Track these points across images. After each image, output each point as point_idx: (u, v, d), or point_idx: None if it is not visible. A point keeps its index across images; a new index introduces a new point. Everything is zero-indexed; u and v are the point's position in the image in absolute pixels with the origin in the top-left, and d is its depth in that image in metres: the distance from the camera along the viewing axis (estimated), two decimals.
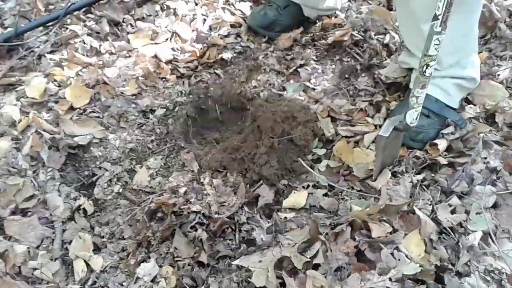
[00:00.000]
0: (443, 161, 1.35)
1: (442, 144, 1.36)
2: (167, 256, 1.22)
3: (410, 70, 1.53)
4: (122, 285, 1.19)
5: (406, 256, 1.10)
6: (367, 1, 2.00)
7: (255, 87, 1.67)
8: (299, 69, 1.72)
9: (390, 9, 1.92)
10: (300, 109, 1.47)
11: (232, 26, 1.94)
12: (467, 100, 1.52)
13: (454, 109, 1.45)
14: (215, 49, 1.82)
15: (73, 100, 1.60)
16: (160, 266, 1.20)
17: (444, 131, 1.40)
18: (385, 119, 1.48)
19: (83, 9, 1.96)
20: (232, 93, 1.65)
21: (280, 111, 1.43)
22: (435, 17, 1.05)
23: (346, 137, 1.48)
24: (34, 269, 1.22)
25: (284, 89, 1.66)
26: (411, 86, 1.49)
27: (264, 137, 1.40)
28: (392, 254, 1.10)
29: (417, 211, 1.20)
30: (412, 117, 1.22)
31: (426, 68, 1.13)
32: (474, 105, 1.49)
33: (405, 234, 1.15)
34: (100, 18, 1.92)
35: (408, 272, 1.06)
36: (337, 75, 1.69)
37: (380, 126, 1.32)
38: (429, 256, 1.12)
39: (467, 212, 1.22)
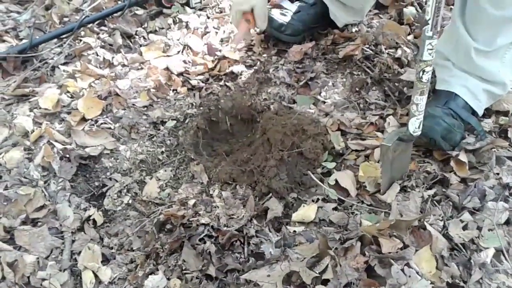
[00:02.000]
0: (456, 178, 1.33)
1: (465, 159, 1.35)
2: (175, 268, 1.21)
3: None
4: None
5: (417, 272, 1.08)
6: (378, 16, 2.00)
7: (265, 99, 1.67)
8: (309, 82, 1.72)
9: (402, 23, 1.92)
10: (310, 122, 1.46)
11: (243, 39, 1.95)
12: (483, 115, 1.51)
13: (476, 117, 1.46)
14: (226, 62, 1.83)
15: (85, 111, 1.61)
16: (168, 279, 1.19)
17: (467, 141, 1.39)
18: None
19: (97, 22, 1.99)
20: (243, 106, 1.65)
21: (290, 124, 1.43)
22: (426, 22, 1.06)
23: (356, 151, 1.47)
24: (43, 279, 1.22)
25: (294, 102, 1.66)
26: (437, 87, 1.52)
27: (274, 149, 1.39)
28: (402, 270, 1.09)
29: (428, 227, 1.19)
30: (414, 125, 1.21)
31: (423, 74, 1.13)
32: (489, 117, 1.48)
33: (416, 250, 1.14)
34: (113, 30, 1.95)
35: None
36: (347, 88, 1.69)
37: None
38: (440, 273, 1.10)
39: (479, 229, 1.20)
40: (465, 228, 1.21)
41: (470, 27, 1.40)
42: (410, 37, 1.84)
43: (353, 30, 1.92)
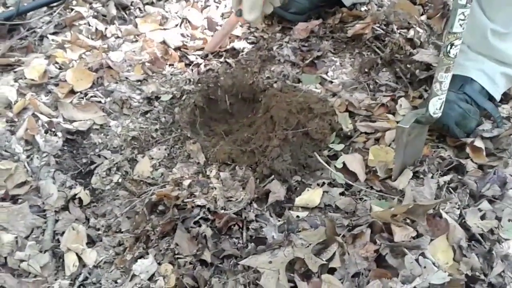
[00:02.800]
0: (472, 165, 1.24)
1: (481, 145, 1.26)
2: (167, 252, 1.11)
3: None
4: (116, 282, 1.08)
5: (433, 263, 0.99)
6: None
7: (268, 78, 1.56)
8: (315, 61, 1.62)
9: (414, 3, 1.81)
10: (317, 100, 1.36)
11: None
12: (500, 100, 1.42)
13: (493, 102, 1.37)
14: (227, 38, 1.71)
15: (74, 83, 1.50)
16: (159, 264, 1.09)
17: (483, 127, 1.30)
18: None
19: None
20: (244, 84, 1.54)
21: (296, 102, 1.32)
22: None
23: (365, 133, 1.38)
24: (21, 260, 1.12)
25: (299, 81, 1.55)
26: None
27: (277, 128, 1.29)
28: (417, 260, 1.00)
29: (444, 215, 1.09)
30: (435, 106, 1.12)
31: (451, 47, 1.03)
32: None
33: (431, 240, 1.04)
34: (108, 1, 1.83)
35: (435, 281, 0.95)
36: (356, 68, 1.59)
37: None
38: (458, 264, 1.01)
39: (498, 218, 1.11)
40: (483, 217, 1.12)
41: (486, 6, 1.30)
42: (423, 18, 1.74)
43: (363, 9, 1.81)
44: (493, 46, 1.33)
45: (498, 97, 1.38)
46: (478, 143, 1.27)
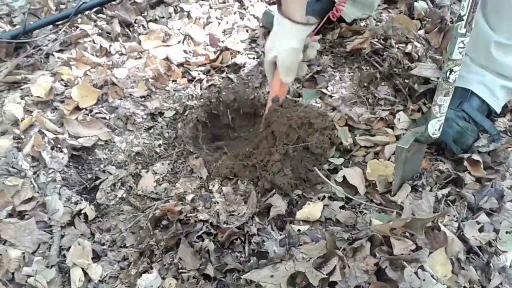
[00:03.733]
0: (470, 178, 1.26)
1: (479, 159, 1.28)
2: (170, 267, 1.13)
3: None
4: None
5: (432, 276, 1.01)
6: (387, 10, 1.93)
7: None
8: (315, 76, 1.64)
9: (412, 18, 1.85)
10: (317, 115, 1.38)
11: (247, 31, 1.88)
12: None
13: (490, 118, 1.40)
14: (229, 53, 1.75)
15: (79, 100, 1.54)
16: (163, 278, 1.11)
17: (478, 143, 1.32)
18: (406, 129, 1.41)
19: (95, 9, 1.91)
20: (245, 99, 1.58)
21: (296, 117, 1.34)
22: (460, 18, 0.99)
23: (365, 147, 1.40)
24: (28, 276, 1.14)
25: (299, 95, 1.58)
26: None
27: (278, 143, 1.31)
28: (416, 273, 1.01)
29: (443, 228, 1.11)
30: (434, 127, 1.15)
31: (450, 73, 1.06)
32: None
33: (430, 252, 1.06)
34: (112, 18, 1.87)
35: None
36: (355, 83, 1.62)
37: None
38: (456, 277, 1.03)
39: (496, 231, 1.13)
40: (481, 230, 1.14)
41: (492, 18, 1.32)
42: (421, 32, 1.77)
43: (362, 24, 1.84)
44: (496, 59, 1.35)
45: (498, 110, 1.40)
46: (476, 156, 1.29)
